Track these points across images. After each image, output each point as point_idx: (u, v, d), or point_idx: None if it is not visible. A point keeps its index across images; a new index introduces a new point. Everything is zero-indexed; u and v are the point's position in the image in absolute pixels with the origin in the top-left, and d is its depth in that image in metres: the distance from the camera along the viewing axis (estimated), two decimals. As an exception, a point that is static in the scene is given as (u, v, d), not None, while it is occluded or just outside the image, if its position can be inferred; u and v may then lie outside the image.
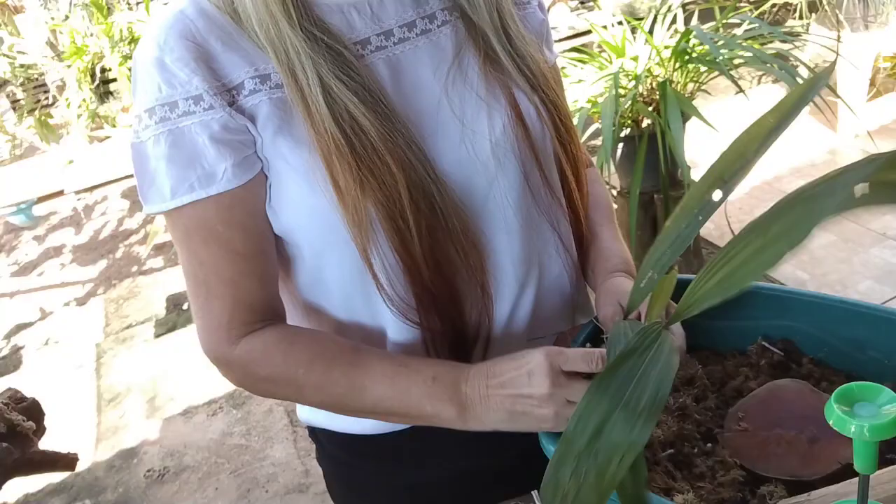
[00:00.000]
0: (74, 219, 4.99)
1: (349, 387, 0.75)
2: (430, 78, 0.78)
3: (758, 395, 0.76)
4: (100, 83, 4.40)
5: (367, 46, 0.76)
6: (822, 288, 2.64)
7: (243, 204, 0.74)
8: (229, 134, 0.71)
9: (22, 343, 3.67)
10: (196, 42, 0.71)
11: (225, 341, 0.77)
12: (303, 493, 2.38)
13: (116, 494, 2.55)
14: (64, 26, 4.69)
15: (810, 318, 0.80)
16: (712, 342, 0.86)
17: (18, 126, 5.28)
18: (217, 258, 0.75)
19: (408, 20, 0.79)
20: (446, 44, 0.80)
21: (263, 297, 0.78)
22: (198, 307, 0.78)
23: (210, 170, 0.71)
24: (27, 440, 1.91)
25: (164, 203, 0.72)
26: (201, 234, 0.74)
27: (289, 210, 0.75)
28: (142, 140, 0.72)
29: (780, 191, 3.27)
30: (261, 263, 0.77)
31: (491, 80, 0.80)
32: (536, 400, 0.68)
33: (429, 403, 0.73)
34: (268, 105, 0.72)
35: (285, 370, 0.76)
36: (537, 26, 0.89)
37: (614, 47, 2.63)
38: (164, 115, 0.70)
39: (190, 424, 2.80)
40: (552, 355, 0.68)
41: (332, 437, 0.95)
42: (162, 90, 0.70)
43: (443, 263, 0.76)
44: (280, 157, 0.73)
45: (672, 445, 0.73)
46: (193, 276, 0.77)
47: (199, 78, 0.70)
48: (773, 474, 0.68)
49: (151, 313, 3.64)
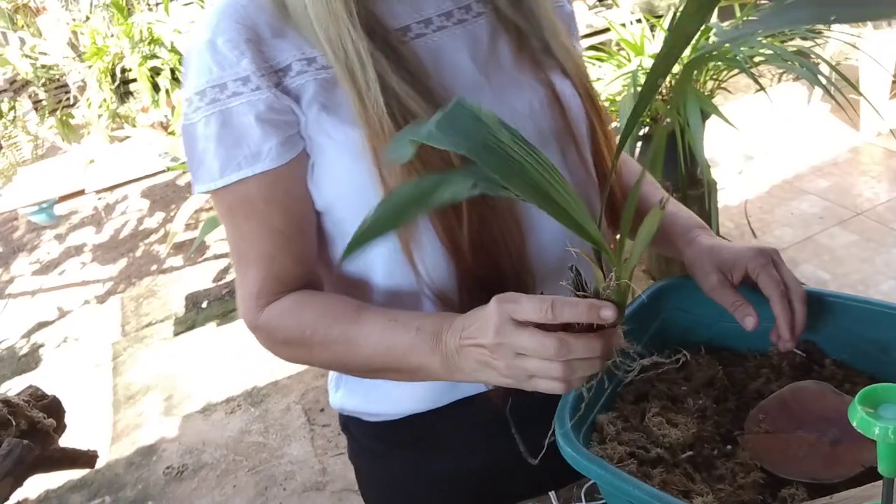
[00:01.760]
0: (95, 218, 5.04)
1: (346, 343, 0.76)
2: (467, 63, 0.81)
3: (779, 397, 0.75)
4: (120, 83, 4.43)
5: (408, 33, 0.79)
6: (844, 288, 2.61)
7: (284, 183, 0.77)
8: (274, 114, 0.74)
9: (42, 341, 3.71)
10: (247, 25, 0.74)
11: (254, 309, 0.81)
12: (320, 490, 2.39)
13: (136, 491, 2.57)
14: (85, 27, 4.74)
15: (833, 319, 0.79)
16: (733, 343, 0.85)
17: (40, 126, 5.35)
18: (256, 233, 0.78)
19: (446, 10, 0.81)
20: (481, 33, 0.82)
21: (297, 272, 0.81)
22: (238, 277, 0.82)
23: (255, 149, 0.74)
24: (48, 437, 1.93)
25: (213, 182, 0.76)
26: (244, 210, 0.78)
27: (332, 184, 0.78)
28: (193, 122, 0.75)
29: (800, 190, 3.24)
30: (297, 241, 0.80)
31: (524, 65, 0.83)
32: (488, 350, 0.64)
33: (413, 355, 0.72)
34: (314, 85, 0.75)
35: (296, 332, 0.79)
36: (566, 19, 0.91)
37: (633, 45, 2.62)
38: (215, 97, 0.73)
39: (208, 422, 2.81)
40: (503, 303, 0.63)
41: (364, 428, 0.97)
42: (213, 71, 0.73)
43: (487, 244, 0.77)
44: (324, 133, 0.75)
45: (692, 447, 0.72)
46: (236, 249, 0.81)
47: (248, 59, 0.73)
48: (795, 477, 0.67)
49: (170, 312, 3.67)
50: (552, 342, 0.60)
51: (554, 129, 0.83)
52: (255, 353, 0.85)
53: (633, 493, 0.62)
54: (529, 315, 0.62)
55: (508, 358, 0.63)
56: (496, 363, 0.64)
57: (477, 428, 0.92)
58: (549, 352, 0.60)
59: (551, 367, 0.61)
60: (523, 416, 0.80)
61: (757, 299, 0.76)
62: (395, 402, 0.91)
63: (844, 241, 2.87)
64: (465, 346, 0.67)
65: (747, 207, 3.19)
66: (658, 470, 0.69)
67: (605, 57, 2.67)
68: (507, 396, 0.82)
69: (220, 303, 3.62)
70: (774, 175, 3.41)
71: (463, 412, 0.90)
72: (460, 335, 0.68)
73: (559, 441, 0.69)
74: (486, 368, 0.66)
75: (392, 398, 0.91)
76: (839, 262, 2.77)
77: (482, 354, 0.65)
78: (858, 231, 2.91)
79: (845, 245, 2.85)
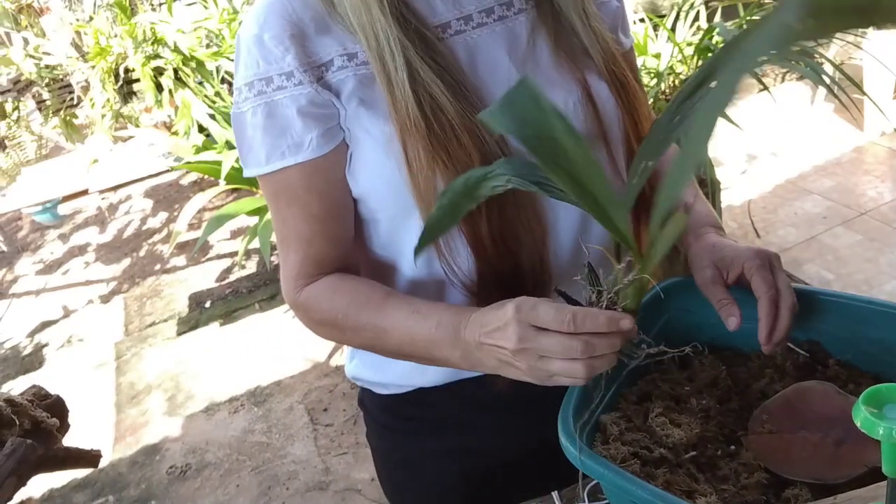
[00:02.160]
0: (98, 218, 5.05)
1: (375, 331, 0.80)
2: (504, 60, 0.82)
3: (783, 397, 0.75)
4: (123, 83, 4.44)
5: (448, 30, 0.80)
6: (848, 288, 2.61)
7: (323, 172, 0.80)
8: (315, 108, 0.77)
9: (46, 340, 3.72)
10: (292, 21, 0.77)
11: (293, 289, 0.86)
12: (323, 490, 2.39)
13: (139, 490, 2.58)
14: (88, 27, 4.75)
15: (836, 319, 0.79)
16: (737, 343, 0.85)
17: (44, 126, 5.36)
18: (297, 218, 0.83)
19: (487, 6, 0.82)
20: (521, 30, 0.83)
21: (334, 255, 0.85)
22: (281, 258, 0.87)
23: (298, 139, 0.78)
24: (51, 437, 1.93)
25: (261, 168, 0.80)
26: (286, 197, 0.82)
27: (366, 175, 0.81)
28: (242, 111, 0.80)
29: (804, 189, 3.24)
30: (333, 227, 0.84)
31: (562, 63, 0.84)
32: (509, 352, 0.67)
33: (434, 349, 0.76)
34: (353, 80, 0.78)
35: (330, 315, 0.83)
36: (612, 14, 0.91)
37: (636, 45, 2.62)
38: (261, 89, 0.77)
39: (212, 422, 2.82)
40: (523, 309, 0.66)
41: (376, 401, 1.01)
42: (260, 66, 0.77)
43: (508, 238, 0.79)
44: (361, 127, 0.79)
45: (695, 447, 0.72)
46: (279, 232, 0.86)
47: (292, 55, 0.76)
48: (798, 477, 0.67)
49: (174, 311, 3.67)
50: (577, 344, 0.63)
51: (586, 130, 0.84)
52: (259, 352, 0.85)
53: (636, 493, 0.62)
54: (550, 325, 0.64)
55: (531, 360, 0.66)
56: (519, 364, 0.67)
57: (484, 408, 0.95)
58: (573, 353, 0.64)
59: (574, 366, 0.64)
60: (528, 401, 0.84)
61: (749, 301, 0.76)
62: (402, 375, 0.94)
63: (848, 240, 2.87)
64: (485, 345, 0.70)
65: (751, 207, 3.18)
66: (661, 470, 0.68)
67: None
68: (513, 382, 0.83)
69: (223, 302, 3.62)
70: (778, 175, 3.40)
71: (471, 391, 0.92)
72: (479, 333, 0.70)
73: (562, 441, 0.69)
74: (507, 367, 0.70)
75: (399, 371, 0.94)
76: (843, 262, 2.76)
77: (504, 356, 0.68)
78: (862, 231, 2.90)
79: (849, 245, 2.84)
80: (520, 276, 0.81)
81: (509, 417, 0.95)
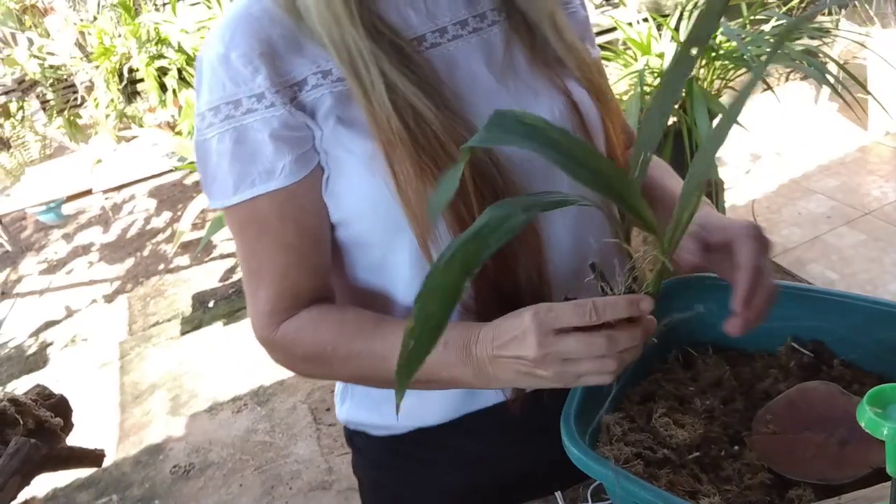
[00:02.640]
0: (102, 217, 5.06)
1: (370, 358, 0.76)
2: (483, 71, 0.80)
3: (787, 398, 0.75)
4: (127, 83, 4.45)
5: (423, 43, 0.78)
6: (852, 288, 2.60)
7: (297, 199, 0.76)
8: (288, 131, 0.73)
9: (50, 340, 3.73)
10: (261, 39, 0.72)
11: (268, 326, 0.80)
12: (326, 490, 2.39)
13: (143, 490, 2.58)
14: (92, 27, 4.76)
15: (841, 319, 0.79)
16: (740, 343, 0.84)
17: (48, 126, 5.37)
18: (269, 251, 0.77)
19: (461, 18, 0.80)
20: (496, 41, 0.82)
21: (311, 287, 0.80)
22: (249, 294, 0.81)
23: (270, 166, 0.73)
24: (55, 436, 1.93)
25: (228, 199, 0.75)
26: (256, 228, 0.76)
27: (351, 197, 0.76)
28: (206, 138, 0.74)
29: (808, 189, 3.23)
30: (310, 256, 0.79)
31: (540, 72, 0.82)
32: (531, 362, 0.65)
33: (443, 369, 0.72)
34: (329, 98, 0.74)
35: (316, 348, 0.78)
36: (579, 24, 0.90)
37: (639, 44, 2.61)
38: (229, 113, 0.72)
39: (215, 421, 2.82)
40: (541, 315, 0.64)
41: (372, 442, 0.95)
42: (226, 88, 0.72)
43: (506, 256, 0.76)
44: (341, 146, 0.74)
45: (698, 448, 0.72)
46: (247, 266, 0.80)
47: (262, 76, 0.71)
48: (802, 478, 0.67)
49: (177, 311, 3.68)
50: (601, 341, 0.63)
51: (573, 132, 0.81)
52: (262, 352, 0.84)
53: (639, 493, 0.62)
54: (572, 321, 0.63)
55: (556, 366, 0.64)
56: (542, 373, 0.65)
57: (489, 439, 0.91)
58: (600, 350, 0.63)
59: (603, 363, 0.63)
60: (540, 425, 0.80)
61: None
62: (404, 414, 0.88)
63: (852, 240, 2.86)
64: (499, 358, 0.67)
65: (754, 207, 3.18)
66: (665, 471, 0.68)
67: (611, 56, 2.67)
68: (526, 406, 0.82)
69: (226, 302, 3.62)
70: (782, 174, 3.39)
71: (477, 423, 0.88)
72: (492, 347, 0.68)
73: (565, 441, 0.69)
74: (527, 378, 0.67)
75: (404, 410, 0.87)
76: (847, 262, 2.75)
77: (523, 366, 0.66)
78: (867, 231, 2.89)
79: (853, 245, 2.83)
80: (518, 291, 0.78)
81: (520, 446, 0.92)
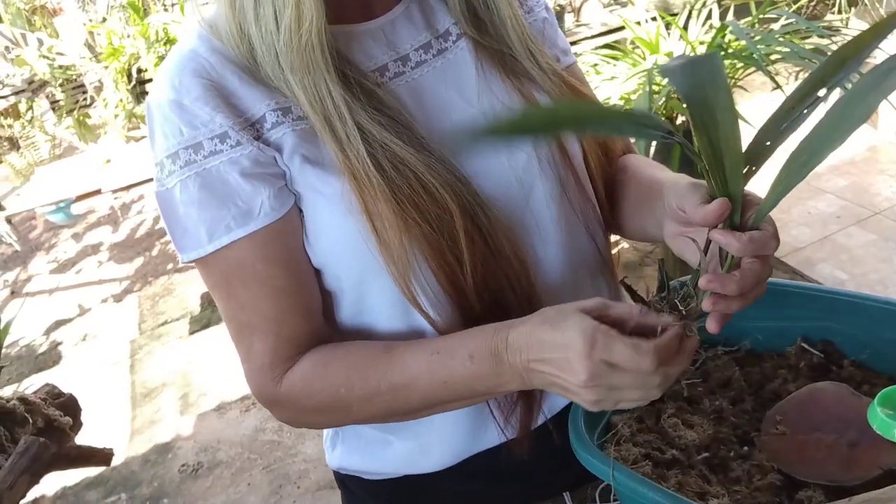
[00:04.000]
0: (111, 217, 5.07)
1: (392, 392, 0.71)
2: (456, 98, 0.76)
3: (796, 398, 0.74)
4: (136, 83, 4.47)
5: (386, 73, 0.74)
6: (862, 288, 2.59)
7: (281, 237, 0.71)
8: (261, 168, 0.69)
9: (60, 339, 3.74)
10: (212, 79, 0.68)
11: (270, 381, 0.74)
12: (334, 489, 2.38)
13: (151, 488, 2.59)
14: (101, 28, 4.79)
15: (851, 319, 0.78)
16: (751, 344, 0.84)
17: (58, 126, 5.40)
18: (258, 298, 0.71)
19: (422, 42, 0.77)
20: (464, 60, 0.78)
21: (309, 330, 0.75)
22: (243, 351, 0.75)
23: (246, 207, 0.68)
24: (64, 435, 1.95)
25: (203, 248, 0.69)
26: (240, 276, 0.71)
27: (324, 240, 0.72)
28: (167, 188, 0.69)
29: (818, 189, 3.21)
30: (303, 297, 0.74)
31: (514, 90, 0.78)
32: (575, 386, 0.61)
33: (478, 384, 0.67)
34: (292, 137, 0.69)
35: (329, 394, 0.73)
36: (541, 30, 0.86)
37: (648, 43, 2.61)
38: (189, 158, 0.68)
39: (223, 420, 2.83)
40: (596, 345, 0.59)
41: (365, 486, 0.91)
42: (184, 132, 0.68)
43: (493, 288, 0.73)
44: (309, 187, 0.70)
45: (707, 449, 0.71)
46: (235, 321, 0.74)
47: (222, 115, 0.67)
48: (812, 479, 0.66)
49: (186, 310, 3.69)
50: (656, 380, 0.60)
51: (549, 156, 0.78)
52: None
53: (647, 495, 0.62)
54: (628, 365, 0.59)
55: (601, 393, 0.61)
56: (585, 396, 0.62)
57: (490, 480, 0.88)
58: (653, 385, 0.60)
59: (651, 393, 0.62)
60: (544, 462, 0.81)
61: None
62: (401, 461, 0.85)
63: (862, 240, 2.84)
64: (536, 372, 0.64)
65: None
66: (673, 471, 0.68)
67: (619, 55, 2.66)
68: (530, 446, 0.81)
69: (235, 302, 3.63)
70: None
71: (478, 465, 0.85)
72: (527, 358, 0.64)
73: (573, 442, 0.69)
74: (562, 391, 0.64)
75: (396, 457, 0.86)
76: (857, 262, 2.74)
77: (563, 382, 0.63)
78: (877, 230, 2.88)
79: (863, 244, 2.82)
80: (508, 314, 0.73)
81: (526, 488, 0.89)
